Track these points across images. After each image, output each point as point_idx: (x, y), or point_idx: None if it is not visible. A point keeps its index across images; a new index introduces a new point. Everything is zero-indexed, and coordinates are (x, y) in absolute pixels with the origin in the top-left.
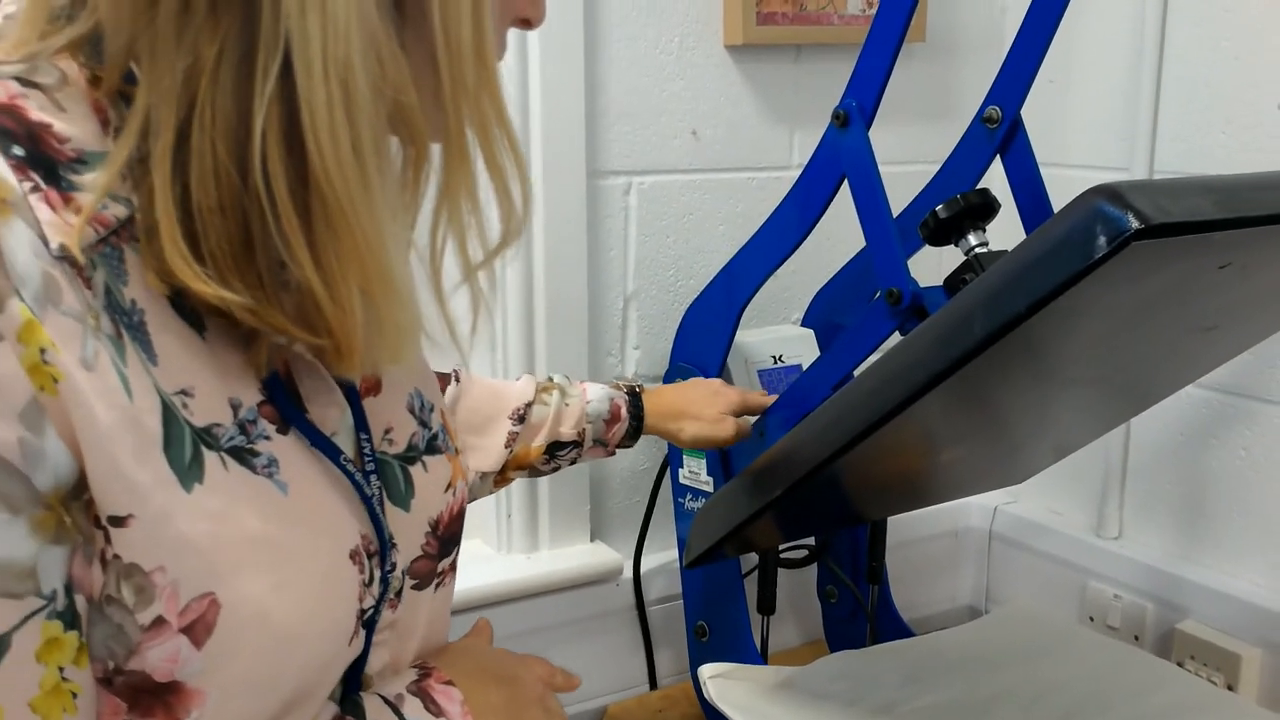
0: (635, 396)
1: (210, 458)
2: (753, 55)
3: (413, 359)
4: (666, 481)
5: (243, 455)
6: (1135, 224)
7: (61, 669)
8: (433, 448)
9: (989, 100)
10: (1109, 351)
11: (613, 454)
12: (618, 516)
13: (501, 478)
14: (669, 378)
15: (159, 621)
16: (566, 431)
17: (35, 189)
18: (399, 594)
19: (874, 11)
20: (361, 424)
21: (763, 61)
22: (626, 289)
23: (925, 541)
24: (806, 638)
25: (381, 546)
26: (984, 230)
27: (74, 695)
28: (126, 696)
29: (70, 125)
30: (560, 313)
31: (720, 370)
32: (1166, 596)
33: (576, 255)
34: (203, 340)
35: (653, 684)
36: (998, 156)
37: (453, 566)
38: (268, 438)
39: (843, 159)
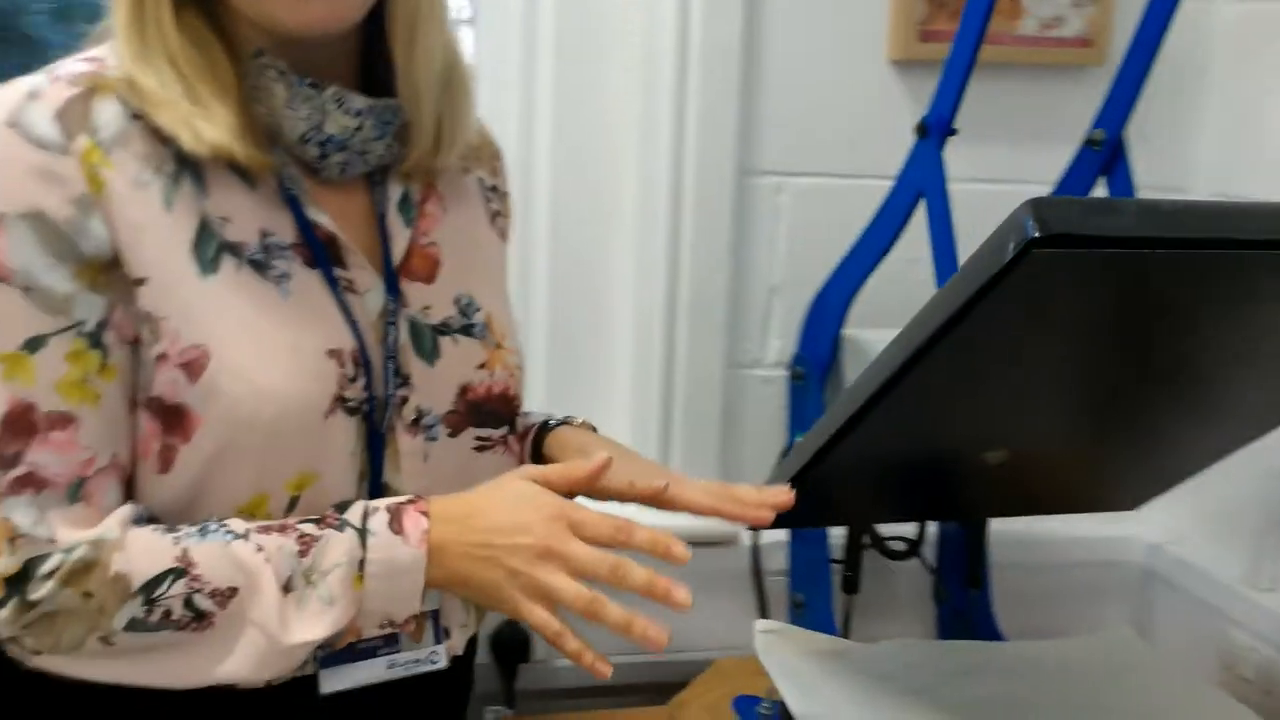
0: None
1: (228, 259)
2: (918, 70)
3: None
4: None
5: (259, 265)
6: (1035, 232)
7: (86, 374)
8: (468, 331)
9: (1096, 124)
10: (1141, 366)
11: None
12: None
13: None
14: (791, 366)
15: (163, 356)
16: None
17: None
18: (424, 429)
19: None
20: (394, 290)
21: (930, 77)
22: (772, 281)
23: (1076, 567)
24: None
25: (364, 355)
26: None
27: (96, 397)
28: (159, 417)
29: None
30: (701, 298)
31: (828, 364)
32: None
33: (720, 247)
34: (251, 190)
35: None
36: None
37: (504, 442)
38: (289, 261)
39: (918, 171)
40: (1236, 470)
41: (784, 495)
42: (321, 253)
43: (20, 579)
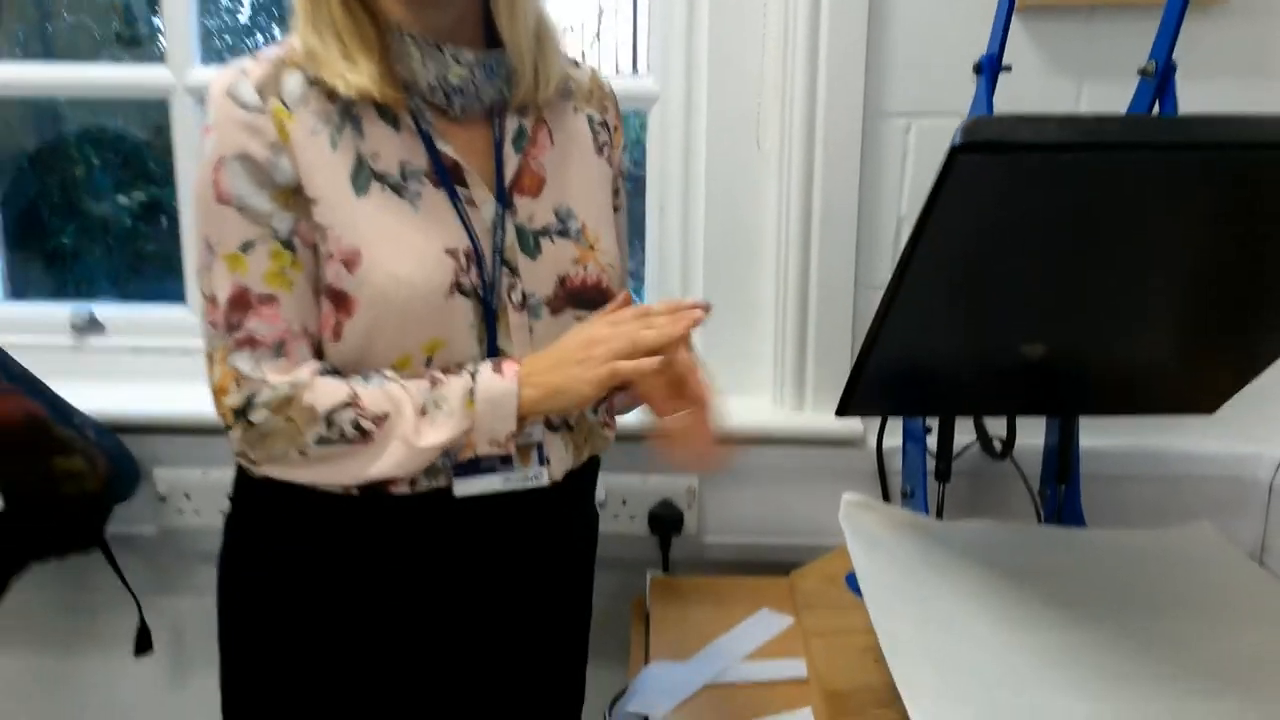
0: None
1: (375, 184)
2: (1044, 14)
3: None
4: None
5: (398, 188)
6: (958, 140)
7: (283, 268)
8: (564, 234)
9: (1150, 55)
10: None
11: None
12: None
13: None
14: None
15: (331, 255)
16: None
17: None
18: (530, 309)
19: None
20: (505, 202)
21: (1053, 20)
22: (900, 210)
23: (1208, 481)
24: None
25: (477, 252)
26: None
27: (290, 284)
28: (331, 300)
29: None
30: (832, 225)
31: None
32: None
33: (850, 180)
34: (396, 132)
35: None
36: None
37: None
38: (421, 184)
39: (975, 108)
40: None
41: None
42: (445, 176)
43: (244, 409)
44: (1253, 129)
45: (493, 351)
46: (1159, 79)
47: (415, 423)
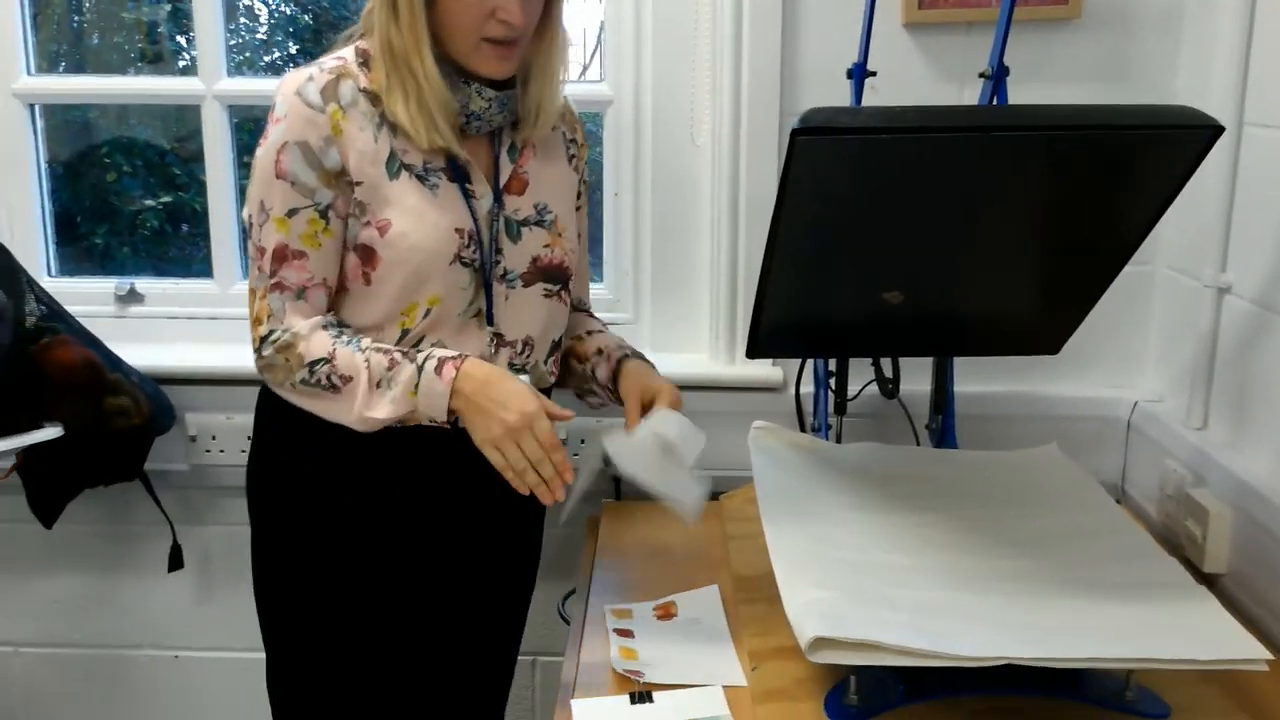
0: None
1: (404, 173)
2: (930, 29)
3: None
4: None
5: (421, 177)
6: (797, 125)
7: (316, 232)
8: (539, 224)
9: (990, 61)
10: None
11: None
12: None
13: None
14: None
15: (368, 223)
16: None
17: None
18: (507, 281)
19: None
20: (499, 199)
21: (938, 34)
22: None
23: (1077, 420)
24: None
25: (477, 234)
26: None
27: (320, 245)
28: (360, 256)
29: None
30: (754, 208)
31: None
32: (1198, 469)
33: (769, 170)
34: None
35: None
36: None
37: (559, 296)
38: (439, 177)
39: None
40: (1186, 337)
41: None
42: (458, 173)
43: (264, 339)
44: (1012, 115)
45: (488, 313)
46: (994, 80)
47: (368, 395)
